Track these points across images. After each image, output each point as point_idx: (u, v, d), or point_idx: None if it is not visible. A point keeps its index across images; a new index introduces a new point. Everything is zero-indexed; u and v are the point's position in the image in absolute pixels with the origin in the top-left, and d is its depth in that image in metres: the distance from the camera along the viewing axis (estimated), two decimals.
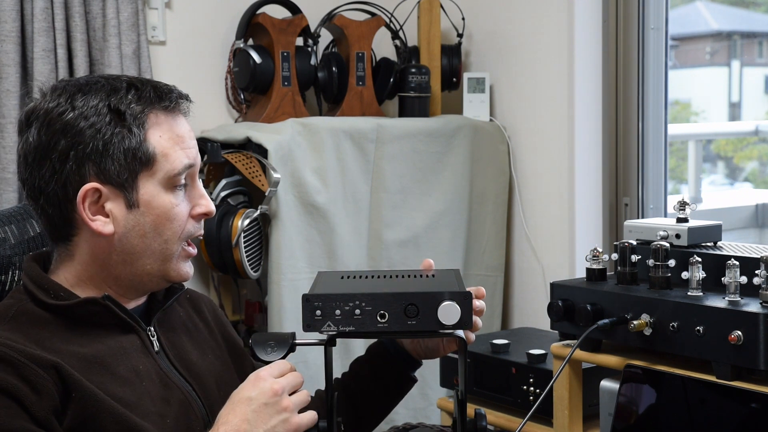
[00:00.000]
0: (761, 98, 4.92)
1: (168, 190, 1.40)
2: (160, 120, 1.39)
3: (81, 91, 1.38)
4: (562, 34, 2.76)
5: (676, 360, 1.79)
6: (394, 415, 2.71)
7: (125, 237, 1.38)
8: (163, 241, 1.40)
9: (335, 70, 2.82)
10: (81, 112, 1.35)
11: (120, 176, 1.36)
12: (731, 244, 1.95)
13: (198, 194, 1.44)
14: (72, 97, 1.37)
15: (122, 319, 1.41)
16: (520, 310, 2.98)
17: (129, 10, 2.58)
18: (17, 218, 1.58)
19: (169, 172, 1.39)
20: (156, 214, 1.39)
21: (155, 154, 1.38)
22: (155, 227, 1.39)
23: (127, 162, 1.36)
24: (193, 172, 1.43)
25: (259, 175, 2.52)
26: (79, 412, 1.30)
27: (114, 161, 1.36)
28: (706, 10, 4.91)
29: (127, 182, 1.37)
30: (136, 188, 1.37)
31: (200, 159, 1.46)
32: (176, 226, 1.40)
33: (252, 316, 2.78)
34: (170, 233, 1.40)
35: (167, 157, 1.39)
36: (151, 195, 1.38)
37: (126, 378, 1.37)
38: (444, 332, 1.39)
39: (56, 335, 1.36)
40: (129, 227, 1.38)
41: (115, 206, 1.37)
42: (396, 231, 2.75)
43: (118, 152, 1.35)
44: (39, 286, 1.40)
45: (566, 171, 2.77)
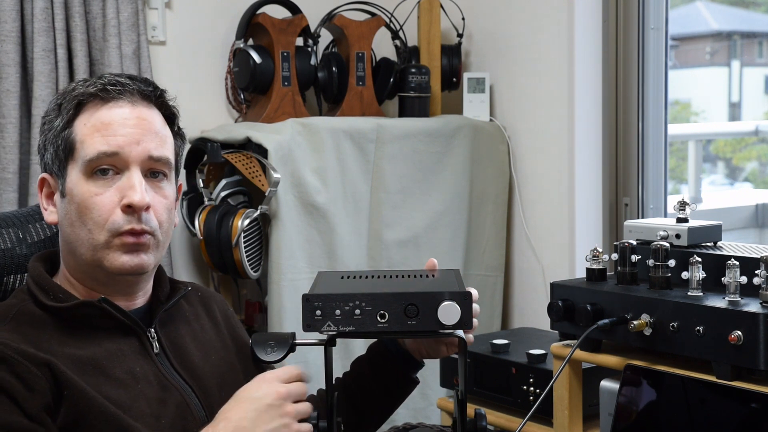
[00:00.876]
0: (761, 98, 4.92)
1: (88, 178, 1.38)
2: (93, 108, 1.40)
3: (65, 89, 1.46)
4: (562, 34, 2.76)
5: (676, 360, 1.79)
6: (394, 415, 2.70)
7: (62, 226, 1.42)
8: (87, 230, 1.37)
9: (335, 70, 2.82)
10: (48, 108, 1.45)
11: (53, 165, 1.41)
12: (731, 244, 1.95)
13: (127, 185, 1.38)
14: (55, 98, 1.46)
15: (120, 321, 1.40)
16: (520, 310, 2.98)
17: (129, 10, 2.58)
18: (20, 221, 1.58)
19: (83, 158, 1.37)
20: (77, 203, 1.38)
21: (75, 141, 1.39)
22: (79, 216, 1.38)
23: (55, 151, 1.40)
24: (122, 161, 1.38)
25: (259, 175, 2.52)
26: (71, 410, 1.30)
27: (48, 151, 1.42)
28: (706, 10, 4.91)
29: (59, 171, 1.40)
30: (65, 177, 1.40)
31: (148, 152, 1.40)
32: (96, 215, 1.37)
33: (252, 316, 2.78)
34: (92, 223, 1.37)
35: (83, 143, 1.38)
36: (74, 183, 1.39)
37: (121, 380, 1.37)
38: (444, 332, 1.39)
39: (54, 337, 1.36)
40: (62, 216, 1.41)
41: (57, 196, 1.42)
42: (396, 231, 2.75)
43: (49, 142, 1.41)
44: (40, 287, 1.40)
45: (566, 171, 2.77)
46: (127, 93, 1.41)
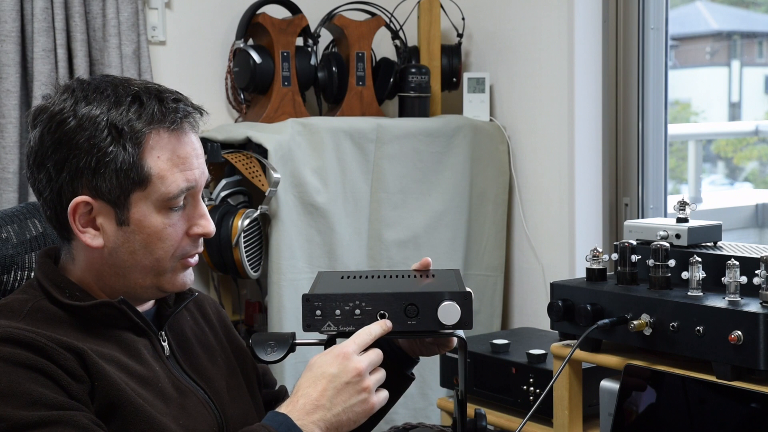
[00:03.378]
0: (761, 98, 4.91)
1: (161, 211, 1.36)
2: (162, 139, 1.35)
3: (86, 99, 1.35)
4: (562, 34, 2.76)
5: (676, 360, 1.79)
6: (394, 415, 2.71)
7: (115, 252, 1.37)
8: (154, 259, 1.38)
9: (335, 70, 2.82)
10: (80, 123, 1.33)
11: (111, 194, 1.34)
12: (731, 244, 1.95)
13: (198, 214, 1.40)
14: (76, 104, 1.34)
15: (135, 323, 1.41)
16: (520, 310, 2.98)
17: (129, 10, 2.58)
18: (19, 218, 1.58)
19: (163, 195, 1.35)
20: (147, 234, 1.36)
21: (150, 176, 1.34)
22: (145, 245, 1.37)
23: (119, 181, 1.33)
24: (193, 192, 1.39)
25: (259, 175, 2.52)
26: (102, 401, 1.30)
27: (106, 179, 1.33)
28: (706, 10, 4.90)
29: (119, 200, 1.34)
30: (128, 206, 1.35)
31: (206, 177, 1.41)
32: (168, 245, 1.37)
33: (252, 316, 2.78)
34: (161, 252, 1.37)
35: (163, 179, 1.35)
36: (142, 215, 1.36)
37: (143, 377, 1.37)
38: (444, 332, 1.39)
39: (71, 333, 1.35)
40: (119, 243, 1.36)
41: (106, 221, 1.36)
42: (396, 231, 2.75)
43: (110, 171, 1.33)
44: (55, 284, 1.39)
45: (566, 171, 2.77)
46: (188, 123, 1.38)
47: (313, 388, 1.33)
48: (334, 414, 1.32)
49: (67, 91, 1.37)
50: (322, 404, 1.32)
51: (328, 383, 1.33)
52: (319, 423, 1.32)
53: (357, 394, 1.33)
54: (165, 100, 1.36)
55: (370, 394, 1.35)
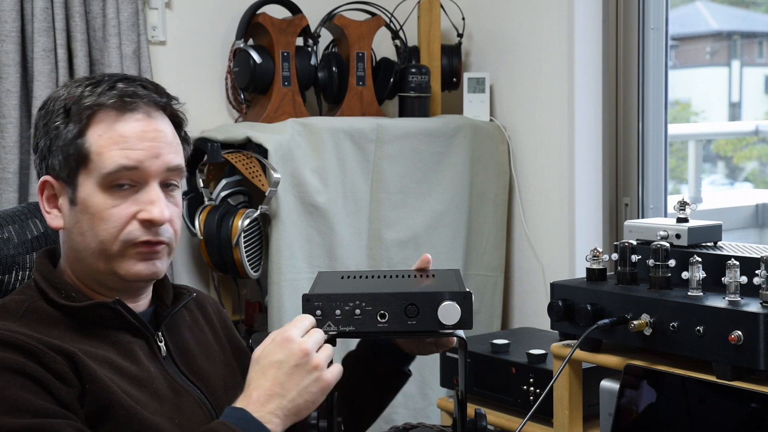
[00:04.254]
0: (761, 98, 4.92)
1: (104, 190, 1.36)
2: (108, 117, 1.36)
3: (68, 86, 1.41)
4: (562, 34, 2.76)
5: (676, 360, 1.79)
6: (394, 415, 2.71)
7: (70, 233, 1.39)
8: (99, 241, 1.36)
9: (335, 70, 2.82)
10: (48, 108, 1.39)
11: (62, 172, 1.37)
12: (731, 244, 1.95)
13: (147, 199, 1.37)
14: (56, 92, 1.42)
15: (132, 323, 1.41)
16: (520, 310, 2.98)
17: (129, 10, 2.58)
18: (20, 218, 1.58)
19: (100, 171, 1.35)
20: (91, 213, 1.36)
21: (90, 152, 1.35)
22: (91, 226, 1.36)
23: (65, 158, 1.36)
24: (143, 175, 1.37)
25: (259, 175, 2.52)
26: (93, 404, 1.30)
27: (55, 157, 1.37)
28: (706, 10, 4.91)
29: (69, 178, 1.37)
30: (76, 185, 1.37)
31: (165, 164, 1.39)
32: (111, 226, 1.36)
33: (252, 316, 2.78)
34: (105, 234, 1.36)
35: (101, 155, 1.35)
36: (87, 194, 1.36)
37: (136, 378, 1.37)
38: (444, 332, 1.39)
39: (66, 334, 1.36)
40: (72, 224, 1.38)
41: (64, 202, 1.39)
42: (396, 231, 2.75)
43: (57, 148, 1.37)
44: (51, 284, 1.40)
45: (566, 171, 2.77)
46: (143, 103, 1.38)
47: (264, 378, 1.31)
48: (289, 399, 1.31)
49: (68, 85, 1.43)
50: (276, 392, 1.30)
51: (278, 370, 1.31)
52: (277, 411, 1.30)
53: (308, 374, 1.31)
54: (128, 84, 1.39)
55: (322, 371, 1.32)
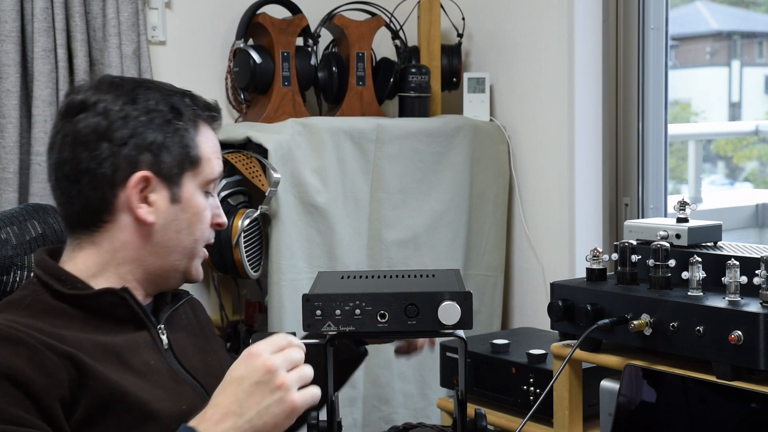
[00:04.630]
0: (761, 98, 4.92)
1: (202, 193, 1.47)
2: (206, 129, 1.49)
3: (141, 86, 1.44)
4: (562, 34, 2.76)
5: (676, 360, 1.79)
6: (394, 415, 2.71)
7: (163, 229, 1.43)
8: (193, 239, 1.46)
9: (335, 70, 2.82)
10: (144, 105, 1.42)
11: (171, 170, 1.42)
12: (731, 244, 1.95)
13: (217, 205, 1.52)
14: (133, 91, 1.43)
15: (136, 313, 1.42)
16: (520, 310, 2.98)
17: (129, 10, 2.58)
18: (18, 219, 1.58)
19: (208, 176, 1.47)
20: (192, 213, 1.45)
21: (201, 157, 1.45)
22: (189, 225, 1.45)
23: (180, 157, 1.43)
24: (215, 184, 1.51)
25: (259, 175, 2.53)
26: (95, 400, 1.30)
27: (170, 155, 1.42)
28: (706, 10, 4.91)
29: (174, 177, 1.43)
30: (180, 184, 1.44)
31: None
32: (204, 227, 1.47)
33: (252, 316, 2.78)
34: (199, 233, 1.46)
35: (209, 162, 1.47)
36: (191, 194, 1.45)
37: (139, 370, 1.38)
38: (444, 332, 1.39)
39: (72, 324, 1.36)
40: (169, 220, 1.43)
41: (160, 198, 1.42)
42: (396, 231, 2.74)
43: (175, 147, 1.42)
44: (55, 277, 1.40)
45: (566, 171, 2.77)
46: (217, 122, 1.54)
47: (223, 395, 1.24)
48: (246, 419, 1.22)
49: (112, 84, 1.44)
50: (233, 411, 1.22)
51: (237, 387, 1.23)
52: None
53: (270, 393, 1.22)
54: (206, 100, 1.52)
55: (287, 392, 1.23)
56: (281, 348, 1.27)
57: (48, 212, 1.62)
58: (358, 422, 2.70)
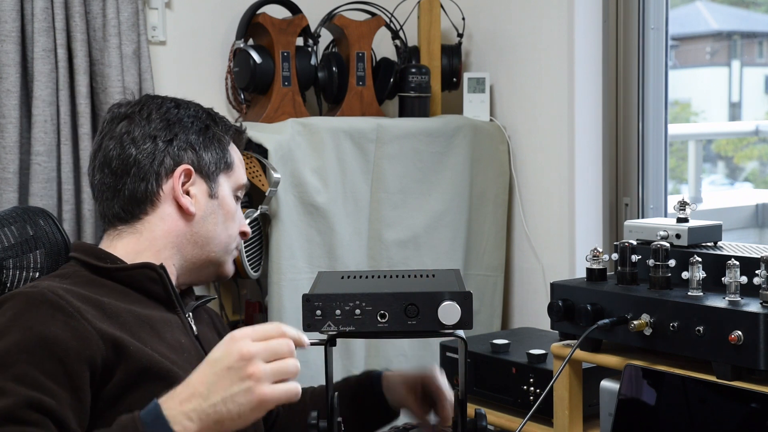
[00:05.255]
0: (761, 98, 4.92)
1: (233, 197, 1.64)
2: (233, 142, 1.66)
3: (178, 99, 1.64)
4: (562, 34, 2.76)
5: (676, 360, 1.79)
6: None
7: (203, 220, 1.57)
8: (228, 235, 1.61)
9: (335, 70, 2.82)
10: (185, 111, 1.60)
11: (209, 167, 1.58)
12: (731, 244, 1.95)
13: (242, 216, 1.68)
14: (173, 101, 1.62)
15: (169, 293, 1.51)
16: (520, 310, 2.98)
17: (129, 10, 2.58)
18: (8, 221, 1.58)
19: (238, 180, 1.64)
20: (227, 210, 1.61)
21: (234, 162, 1.63)
22: (225, 221, 1.60)
23: (218, 158, 1.60)
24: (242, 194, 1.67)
25: (259, 175, 2.53)
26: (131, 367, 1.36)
27: (209, 154, 1.59)
28: (706, 10, 4.91)
29: (213, 175, 1.59)
30: (218, 183, 1.60)
31: None
32: (235, 227, 1.63)
33: (252, 316, 2.78)
34: (233, 230, 1.62)
35: (239, 169, 1.65)
36: (225, 194, 1.61)
37: (172, 345, 1.45)
38: (444, 332, 1.39)
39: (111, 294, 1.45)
40: (208, 213, 1.58)
41: (200, 191, 1.57)
42: (396, 231, 2.74)
43: (214, 147, 1.60)
44: (95, 256, 1.50)
45: (566, 171, 2.77)
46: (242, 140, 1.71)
47: (196, 375, 1.21)
48: (210, 404, 1.17)
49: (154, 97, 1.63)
50: (200, 392, 1.18)
51: (210, 368, 1.19)
52: (192, 414, 1.17)
53: (240, 381, 1.17)
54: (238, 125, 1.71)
55: (258, 383, 1.17)
56: (267, 337, 1.21)
57: (38, 215, 1.63)
58: None
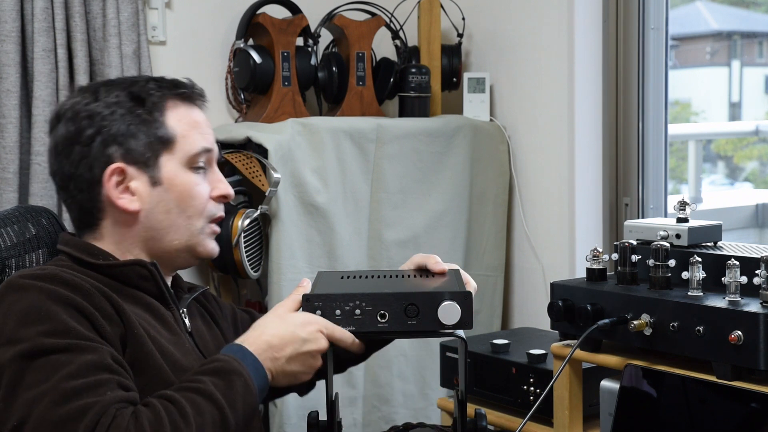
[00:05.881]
0: (761, 98, 4.92)
1: (188, 170, 1.49)
2: (178, 106, 1.51)
3: (104, 85, 1.50)
4: (562, 34, 2.76)
5: (676, 360, 1.79)
6: (394, 415, 2.71)
7: (151, 213, 1.47)
8: (186, 216, 1.49)
9: (335, 70, 2.82)
10: (105, 101, 1.47)
11: (143, 155, 1.46)
12: (731, 244, 1.95)
13: (216, 178, 1.54)
14: (96, 91, 1.49)
15: (162, 290, 1.49)
16: (520, 310, 2.98)
17: (129, 10, 2.58)
18: (11, 221, 1.58)
19: (188, 152, 1.49)
20: (179, 191, 1.48)
21: (175, 135, 1.48)
22: (178, 203, 1.48)
23: (149, 142, 1.47)
24: (211, 157, 1.53)
25: (259, 175, 2.52)
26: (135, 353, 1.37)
27: (137, 141, 1.46)
28: (706, 10, 4.91)
29: (150, 161, 1.47)
30: (158, 167, 1.47)
31: (217, 151, 1.56)
32: (198, 203, 1.50)
33: None
34: (192, 210, 1.50)
35: (186, 138, 1.49)
36: (173, 173, 1.48)
37: (170, 338, 1.45)
38: (444, 332, 1.39)
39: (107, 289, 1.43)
40: (154, 203, 1.47)
41: (140, 184, 1.47)
42: (396, 231, 2.74)
43: (140, 133, 1.46)
44: (86, 251, 1.47)
45: (566, 171, 2.77)
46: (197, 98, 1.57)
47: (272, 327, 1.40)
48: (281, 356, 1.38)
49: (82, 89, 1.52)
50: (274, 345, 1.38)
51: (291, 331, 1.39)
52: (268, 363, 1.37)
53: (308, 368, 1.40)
54: (177, 79, 1.56)
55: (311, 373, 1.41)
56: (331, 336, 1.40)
57: (41, 214, 1.63)
58: (358, 422, 2.70)
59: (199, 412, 1.27)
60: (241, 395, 1.31)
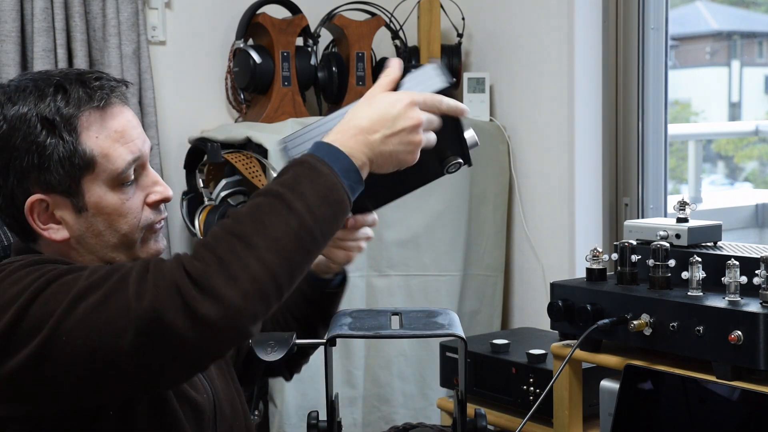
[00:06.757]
0: (761, 98, 4.92)
1: (115, 189, 1.36)
2: (94, 119, 1.34)
3: (11, 100, 1.34)
4: (562, 34, 2.76)
5: (676, 360, 1.79)
6: (394, 415, 2.71)
7: (82, 239, 1.37)
8: (121, 235, 1.37)
9: (335, 70, 2.82)
10: (12, 125, 1.32)
11: (62, 184, 1.33)
12: (731, 244, 1.95)
13: (150, 182, 1.41)
14: (3, 108, 1.34)
15: None
16: (520, 310, 2.98)
17: (129, 10, 2.58)
18: None
19: (113, 172, 1.35)
20: (107, 213, 1.36)
21: (94, 157, 1.33)
22: (109, 225, 1.36)
23: (65, 170, 1.32)
24: (141, 162, 1.39)
25: (259, 175, 2.52)
26: None
27: (52, 172, 1.32)
28: (706, 10, 4.91)
29: (70, 189, 1.33)
30: (81, 193, 1.34)
31: (149, 145, 1.41)
32: (131, 219, 1.37)
33: None
34: (126, 227, 1.37)
35: (108, 157, 1.34)
36: (98, 197, 1.35)
37: None
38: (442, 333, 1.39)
39: None
40: (83, 230, 1.36)
41: (65, 212, 1.35)
42: (396, 231, 2.74)
43: (54, 162, 1.32)
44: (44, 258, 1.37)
45: (566, 171, 2.77)
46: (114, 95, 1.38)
47: (365, 113, 1.33)
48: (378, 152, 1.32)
49: None
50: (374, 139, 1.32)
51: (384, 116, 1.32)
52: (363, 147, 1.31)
53: (407, 145, 1.33)
54: (87, 81, 1.35)
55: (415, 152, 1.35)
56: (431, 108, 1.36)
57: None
58: (358, 422, 2.70)
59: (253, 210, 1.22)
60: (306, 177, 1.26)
